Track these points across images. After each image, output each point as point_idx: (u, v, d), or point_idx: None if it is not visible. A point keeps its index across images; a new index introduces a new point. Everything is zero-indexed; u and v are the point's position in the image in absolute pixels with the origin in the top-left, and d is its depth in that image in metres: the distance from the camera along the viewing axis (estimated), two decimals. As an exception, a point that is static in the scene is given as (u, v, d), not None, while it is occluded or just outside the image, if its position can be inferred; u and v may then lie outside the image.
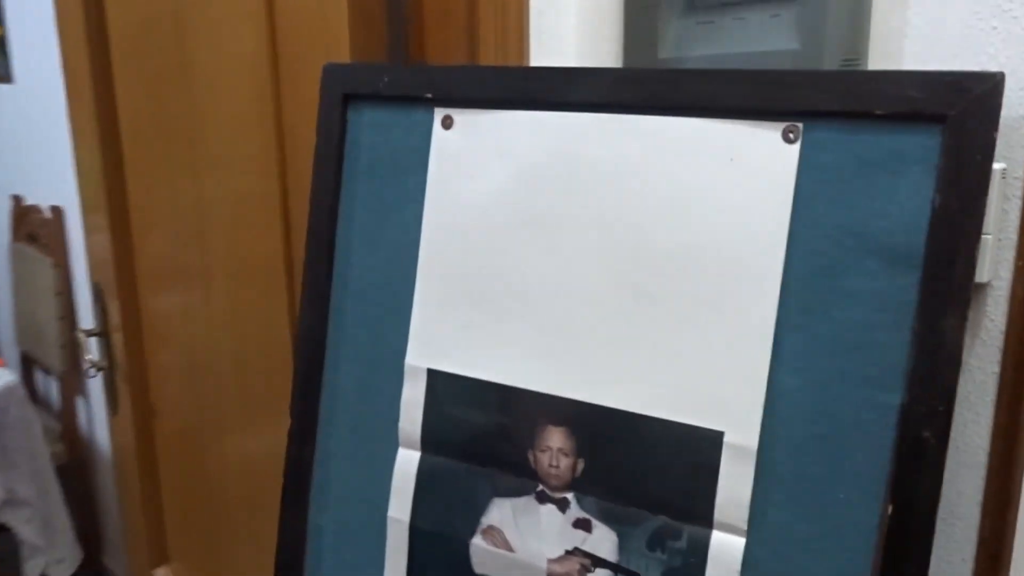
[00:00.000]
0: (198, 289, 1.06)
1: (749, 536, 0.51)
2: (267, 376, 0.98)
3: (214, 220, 0.99)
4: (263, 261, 0.91)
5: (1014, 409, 0.49)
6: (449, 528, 0.61)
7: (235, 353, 1.03)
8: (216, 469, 1.14)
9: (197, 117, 0.96)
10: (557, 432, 0.56)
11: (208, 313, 1.05)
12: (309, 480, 0.67)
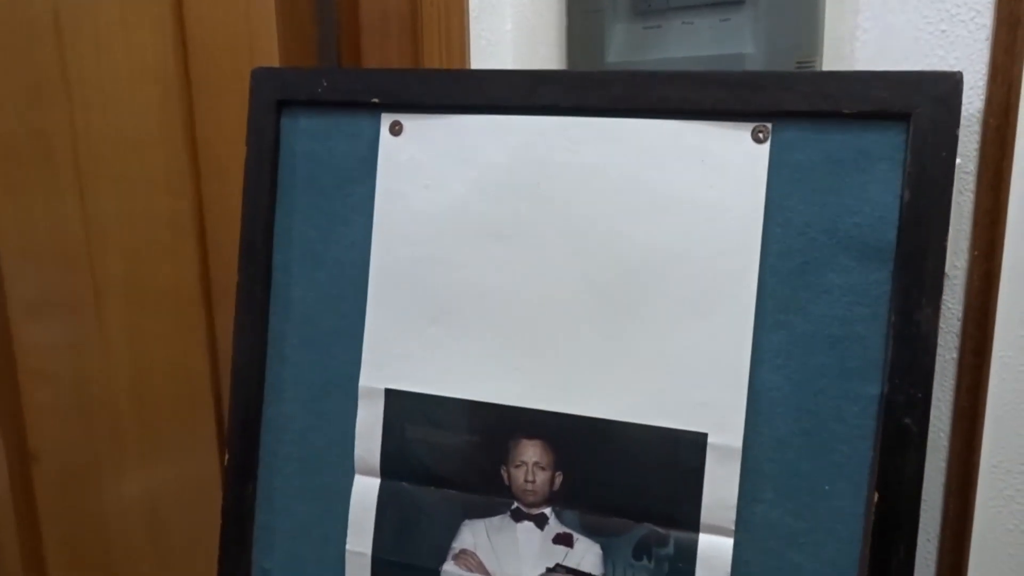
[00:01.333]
0: (88, 319, 0.97)
1: (737, 536, 0.50)
2: (176, 411, 0.91)
3: (108, 243, 0.91)
4: (172, 286, 0.84)
5: (973, 393, 0.51)
6: (416, 557, 0.57)
7: (136, 387, 0.95)
8: (114, 515, 1.04)
9: (85, 132, 0.88)
10: (532, 446, 0.54)
11: (102, 345, 0.96)
12: (252, 520, 0.62)
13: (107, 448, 1.01)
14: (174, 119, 0.78)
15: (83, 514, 1.09)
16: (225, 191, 0.77)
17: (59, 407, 1.06)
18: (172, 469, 0.95)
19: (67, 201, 0.94)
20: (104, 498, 1.05)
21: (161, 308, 0.87)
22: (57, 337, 1.03)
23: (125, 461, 1.00)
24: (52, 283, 1.01)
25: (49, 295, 1.02)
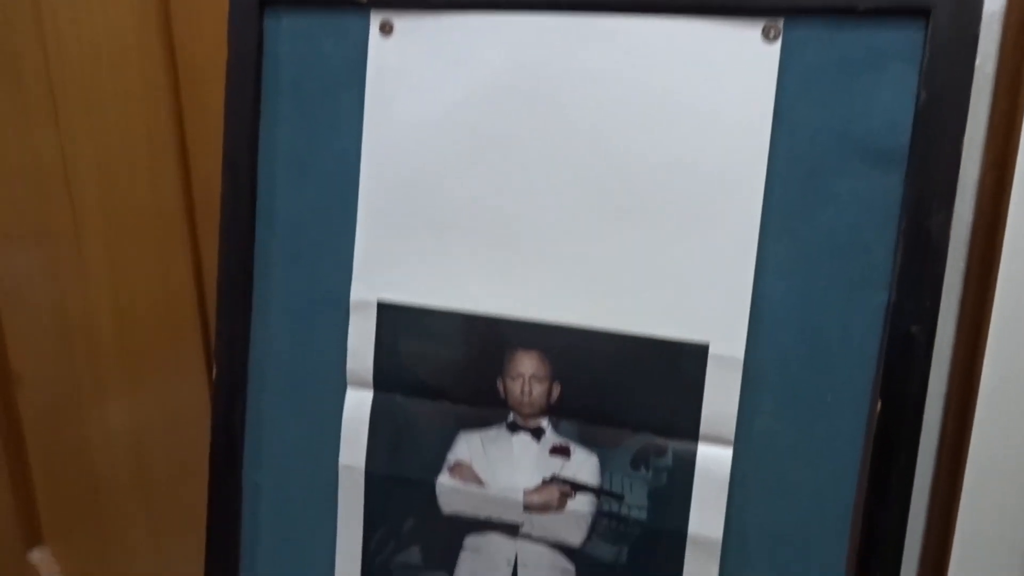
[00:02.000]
0: (66, 242, 0.94)
1: (736, 447, 0.50)
2: (161, 336, 0.89)
3: (84, 163, 0.88)
4: (152, 204, 0.81)
5: (979, 306, 0.50)
6: (411, 470, 0.57)
7: (117, 312, 0.93)
8: (99, 440, 1.03)
9: (56, 48, 0.84)
10: (528, 358, 0.53)
11: (81, 269, 0.94)
12: (242, 436, 0.61)
13: (90, 375, 1.00)
14: (149, 24, 0.74)
15: (69, 442, 1.08)
16: (205, 101, 0.74)
17: (39, 334, 1.04)
18: (158, 395, 0.94)
19: (40, 121, 0.91)
20: (89, 425, 1.04)
21: (142, 228, 0.85)
22: (33, 262, 1.01)
23: (109, 388, 0.99)
24: (27, 207, 0.98)
25: (24, 219, 0.99)
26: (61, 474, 1.12)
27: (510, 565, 0.55)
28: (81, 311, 0.97)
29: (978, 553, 0.53)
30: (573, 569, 0.54)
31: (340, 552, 0.59)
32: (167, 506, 0.99)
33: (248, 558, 0.62)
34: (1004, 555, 0.54)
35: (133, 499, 1.03)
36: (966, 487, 0.52)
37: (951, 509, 0.52)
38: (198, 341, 0.87)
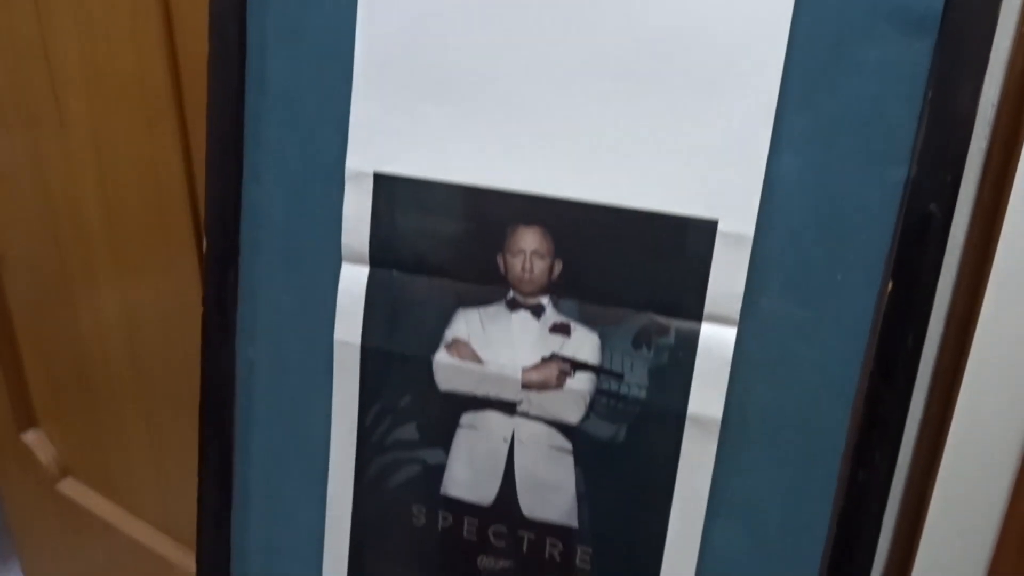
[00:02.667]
0: (48, 123, 0.91)
1: (741, 326, 0.49)
2: (149, 216, 0.87)
3: (66, 42, 0.83)
4: (136, 75, 0.78)
5: (998, 187, 0.49)
6: (407, 346, 0.56)
7: (103, 192, 0.90)
8: (89, 325, 1.02)
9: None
10: (530, 233, 0.52)
11: (65, 149, 0.90)
12: (235, 309, 0.60)
13: (78, 259, 0.98)
14: None
15: (59, 327, 1.07)
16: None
17: (23, 216, 1.01)
18: (149, 280, 0.93)
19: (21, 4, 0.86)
20: (79, 310, 1.03)
21: (126, 102, 0.81)
22: (16, 142, 0.97)
23: (98, 273, 0.97)
24: (7, 87, 0.94)
25: (4, 99, 0.95)
26: (52, 358, 1.12)
27: (507, 443, 0.55)
28: (66, 193, 0.95)
29: (975, 437, 0.53)
30: (570, 447, 0.54)
31: (335, 428, 0.59)
32: (160, 389, 0.99)
33: (243, 434, 0.62)
34: (1000, 437, 0.54)
35: (126, 383, 1.03)
36: (968, 371, 0.51)
37: (951, 394, 0.52)
38: (188, 224, 0.85)
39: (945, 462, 0.57)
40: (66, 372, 1.11)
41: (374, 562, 0.60)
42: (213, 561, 0.63)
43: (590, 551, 0.55)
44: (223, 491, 0.62)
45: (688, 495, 0.52)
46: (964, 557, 0.59)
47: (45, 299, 1.08)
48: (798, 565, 0.51)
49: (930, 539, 0.58)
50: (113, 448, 1.09)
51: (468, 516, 0.57)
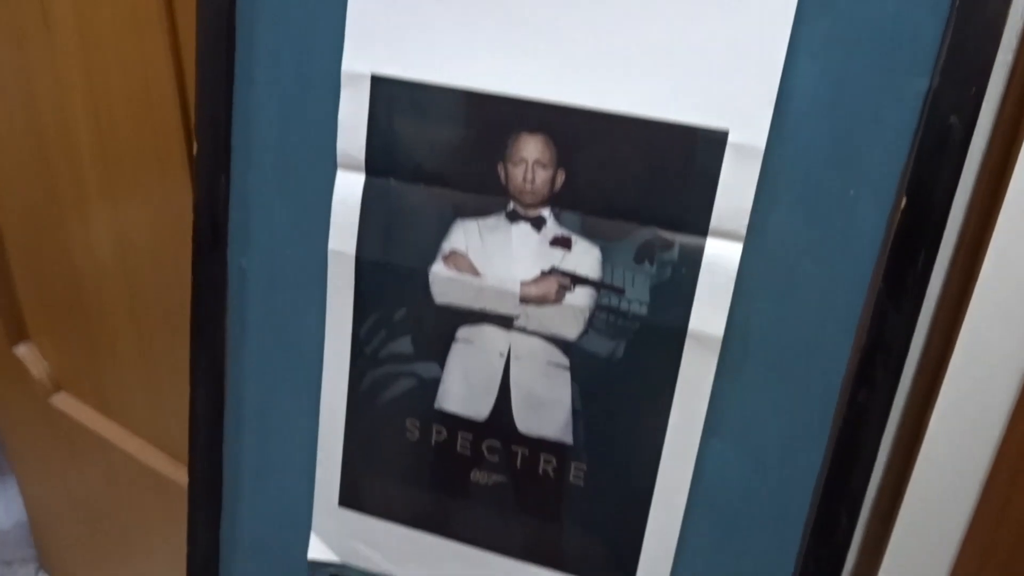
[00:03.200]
0: (35, 34, 0.87)
1: (747, 243, 0.48)
2: (137, 125, 0.84)
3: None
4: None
5: (1019, 104, 0.47)
6: (403, 257, 0.54)
7: (91, 102, 0.87)
8: (81, 243, 1.01)
9: None
10: (533, 141, 0.50)
11: (51, 60, 0.87)
12: (226, 216, 0.58)
13: (67, 174, 0.95)
14: None
15: (50, 244, 1.05)
16: None
17: (11, 131, 0.98)
18: (138, 193, 0.90)
19: None
20: (70, 228, 1.01)
21: (115, 22, 0.78)
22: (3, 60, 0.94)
23: (87, 187, 0.95)
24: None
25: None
26: (43, 273, 1.10)
27: (503, 358, 0.54)
28: (54, 105, 0.92)
29: (977, 361, 0.53)
30: (567, 363, 0.53)
31: (329, 340, 0.58)
32: (153, 306, 0.98)
33: (235, 346, 0.61)
34: (1002, 364, 0.53)
35: (118, 299, 1.01)
36: (976, 297, 0.50)
37: (957, 319, 0.51)
38: (179, 137, 0.83)
39: (945, 387, 0.57)
40: (57, 287, 1.09)
41: (367, 475, 0.60)
42: (205, 472, 0.63)
43: (584, 467, 0.55)
44: (215, 403, 0.61)
45: (685, 413, 0.51)
46: (960, 481, 0.59)
47: (35, 214, 1.06)
48: (794, 486, 0.51)
49: (926, 463, 0.58)
50: (106, 364, 1.08)
51: (462, 431, 0.57)
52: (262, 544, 0.64)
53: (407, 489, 0.60)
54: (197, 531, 0.65)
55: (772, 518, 0.52)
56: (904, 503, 0.63)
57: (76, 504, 1.27)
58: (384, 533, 0.61)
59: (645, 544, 0.55)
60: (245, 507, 0.64)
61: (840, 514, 0.49)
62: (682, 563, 0.54)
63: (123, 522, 1.19)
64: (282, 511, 0.63)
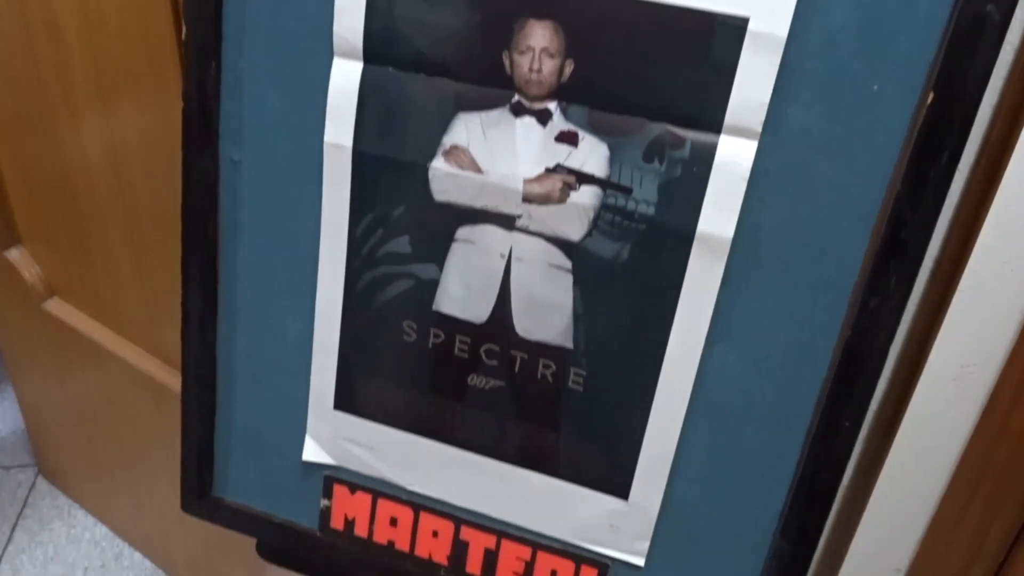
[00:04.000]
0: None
1: (762, 140, 0.45)
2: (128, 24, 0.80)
3: None
4: None
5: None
6: (402, 151, 0.52)
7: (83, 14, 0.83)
8: (73, 150, 0.98)
9: None
10: (541, 28, 0.47)
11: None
12: (217, 106, 0.55)
13: (57, 77, 0.92)
14: None
15: (41, 150, 1.02)
16: None
17: None
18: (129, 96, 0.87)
19: None
20: (61, 134, 0.98)
21: None
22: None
23: (77, 90, 0.91)
24: None
25: None
26: (34, 178, 1.08)
27: (504, 259, 0.53)
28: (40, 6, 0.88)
29: (992, 273, 0.51)
30: (570, 266, 0.51)
31: (325, 238, 0.56)
32: (147, 211, 0.95)
33: (227, 241, 0.59)
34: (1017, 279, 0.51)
35: (111, 204, 0.99)
36: (996, 203, 0.48)
37: (976, 223, 0.49)
38: (171, 34, 0.79)
39: (956, 300, 0.56)
40: (49, 192, 1.07)
41: (362, 378, 0.59)
42: (198, 371, 0.62)
43: (583, 373, 0.54)
44: (207, 300, 0.60)
45: (690, 318, 0.50)
46: (963, 393, 0.59)
47: (24, 116, 1.02)
48: (797, 393, 0.50)
49: (930, 376, 0.57)
50: (99, 269, 1.07)
51: (460, 334, 0.56)
52: (257, 445, 0.64)
53: (403, 393, 0.59)
54: (191, 430, 0.64)
55: (774, 425, 0.51)
56: (906, 416, 0.63)
57: (73, 410, 1.27)
58: (379, 437, 0.60)
59: (643, 451, 0.54)
60: (239, 408, 0.63)
61: (843, 421, 0.49)
62: (680, 470, 0.54)
63: (120, 428, 1.20)
64: (277, 413, 0.62)
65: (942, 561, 0.68)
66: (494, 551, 0.61)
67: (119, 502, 1.32)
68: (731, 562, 0.56)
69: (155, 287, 1.01)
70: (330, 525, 0.64)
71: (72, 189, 1.03)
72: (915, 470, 0.65)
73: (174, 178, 0.64)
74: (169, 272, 0.98)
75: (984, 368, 0.60)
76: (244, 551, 1.13)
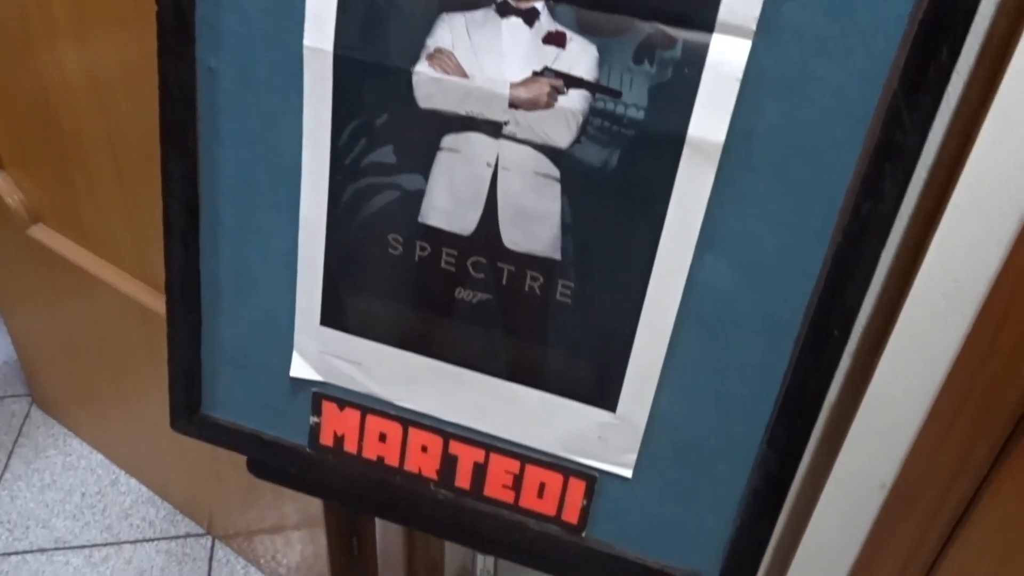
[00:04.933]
0: None
1: (756, 39, 0.44)
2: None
3: None
4: None
5: None
6: (385, 55, 0.50)
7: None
8: (52, 70, 0.95)
9: None
10: (527, -79, 0.45)
11: None
12: (192, 11, 0.53)
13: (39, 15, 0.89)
14: None
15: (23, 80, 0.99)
16: None
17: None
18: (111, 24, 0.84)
19: None
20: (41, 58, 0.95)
21: None
22: None
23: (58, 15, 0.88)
24: None
25: None
26: (15, 104, 1.05)
27: (490, 168, 0.51)
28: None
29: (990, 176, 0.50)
30: (558, 174, 0.50)
31: (307, 148, 0.55)
32: (131, 137, 0.94)
33: (207, 153, 0.57)
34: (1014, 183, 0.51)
35: (94, 130, 0.97)
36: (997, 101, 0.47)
37: (975, 126, 0.48)
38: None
39: (949, 211, 0.55)
40: (31, 118, 1.05)
41: (349, 293, 0.59)
42: (182, 287, 0.61)
43: (571, 284, 0.53)
44: (189, 214, 0.59)
45: (679, 226, 0.49)
46: (953, 306, 0.59)
47: (6, 46, 0.99)
48: (787, 303, 0.50)
49: (922, 286, 0.57)
50: (83, 195, 1.05)
51: (447, 247, 0.55)
52: (245, 362, 0.64)
53: (390, 307, 0.58)
54: (177, 347, 0.64)
55: (763, 335, 0.50)
56: (894, 331, 0.63)
57: (64, 340, 1.27)
58: (367, 352, 0.60)
59: (631, 363, 0.54)
60: (225, 325, 0.63)
61: (832, 329, 0.48)
62: (668, 382, 0.54)
63: (111, 356, 1.20)
64: (264, 329, 0.62)
65: (927, 476, 0.69)
66: (483, 465, 0.61)
67: (113, 430, 1.33)
68: (717, 474, 0.56)
69: (140, 212, 0.99)
70: (319, 442, 0.64)
71: (55, 116, 1.00)
72: (903, 385, 0.66)
73: (157, 102, 0.62)
74: (154, 197, 0.96)
75: (975, 283, 0.60)
76: (238, 474, 1.14)
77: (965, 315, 0.61)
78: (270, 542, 1.18)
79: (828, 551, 0.77)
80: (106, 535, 1.27)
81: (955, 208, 0.56)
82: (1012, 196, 0.54)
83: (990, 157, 0.53)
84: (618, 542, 0.60)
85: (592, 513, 0.60)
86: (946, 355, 0.63)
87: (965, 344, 0.61)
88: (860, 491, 0.73)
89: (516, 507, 0.61)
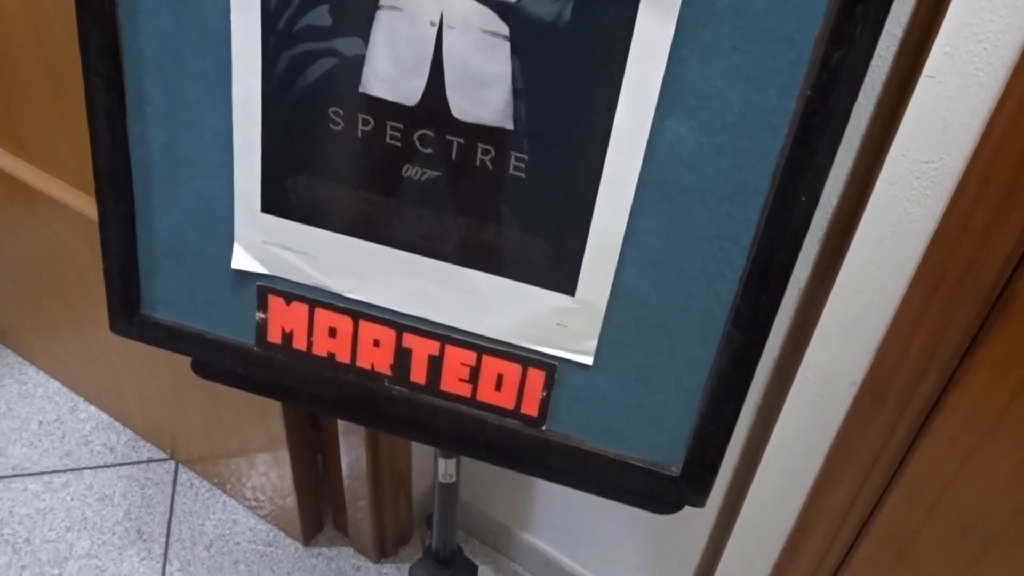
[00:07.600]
0: None
1: None
2: None
3: None
4: None
5: None
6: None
7: None
8: None
9: None
10: None
11: None
12: None
13: None
14: None
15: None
16: None
17: None
18: None
19: None
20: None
21: None
22: None
23: None
24: None
25: None
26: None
27: (434, 27, 0.47)
28: None
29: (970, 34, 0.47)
30: (507, 32, 0.46)
31: (236, 12, 0.50)
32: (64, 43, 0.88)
33: (128, 22, 0.52)
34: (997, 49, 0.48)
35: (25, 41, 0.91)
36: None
37: None
38: None
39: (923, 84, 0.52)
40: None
41: (290, 176, 0.55)
42: (111, 175, 0.57)
43: (525, 157, 0.50)
44: (113, 92, 0.54)
45: (638, 86, 0.46)
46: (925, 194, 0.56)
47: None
48: (753, 167, 0.46)
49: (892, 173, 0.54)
50: (19, 107, 0.99)
51: (391, 120, 0.51)
52: (183, 256, 0.60)
53: (334, 190, 0.55)
54: (111, 242, 0.60)
55: (728, 203, 0.48)
56: (864, 216, 0.60)
57: (10, 263, 1.22)
58: (312, 240, 0.57)
59: (590, 240, 0.51)
60: (160, 215, 0.59)
61: (800, 195, 0.45)
62: (629, 259, 0.51)
63: (60, 278, 1.15)
64: (201, 218, 0.58)
65: (896, 370, 0.67)
66: (438, 357, 0.58)
67: (70, 356, 1.29)
68: (681, 358, 0.54)
69: (78, 121, 0.94)
70: (267, 339, 0.61)
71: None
72: (873, 276, 0.64)
73: None
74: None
75: (949, 165, 0.57)
76: (200, 397, 1.11)
77: (938, 199, 0.58)
78: (235, 465, 1.16)
79: (797, 449, 0.76)
80: (66, 461, 1.24)
81: (928, 81, 0.53)
82: (988, 72, 0.51)
83: (968, 22, 0.50)
84: (579, 434, 0.58)
85: (552, 405, 0.57)
86: (919, 241, 0.60)
87: (938, 229, 0.59)
88: (830, 388, 0.71)
89: (474, 401, 0.59)
